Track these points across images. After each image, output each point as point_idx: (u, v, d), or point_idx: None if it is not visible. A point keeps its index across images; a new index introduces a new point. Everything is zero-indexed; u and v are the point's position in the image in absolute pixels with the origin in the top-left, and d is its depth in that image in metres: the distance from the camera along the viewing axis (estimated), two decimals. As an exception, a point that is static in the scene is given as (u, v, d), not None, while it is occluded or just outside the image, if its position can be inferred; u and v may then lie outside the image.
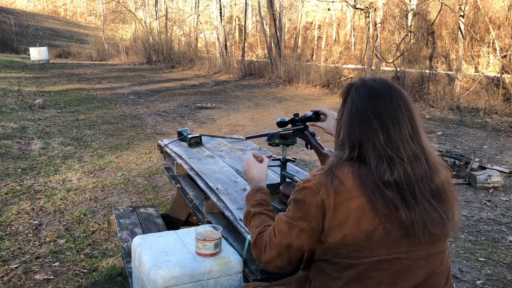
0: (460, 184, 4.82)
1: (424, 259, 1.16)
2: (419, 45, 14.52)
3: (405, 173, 1.12)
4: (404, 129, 1.16)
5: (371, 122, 1.16)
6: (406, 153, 1.14)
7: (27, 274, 2.78)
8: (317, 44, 23.18)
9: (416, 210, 1.11)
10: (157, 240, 1.78)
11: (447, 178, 1.19)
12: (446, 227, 1.17)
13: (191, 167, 2.42)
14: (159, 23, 26.56)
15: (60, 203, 4.04)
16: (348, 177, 1.14)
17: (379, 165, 1.13)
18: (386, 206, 1.11)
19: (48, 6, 56.79)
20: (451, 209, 1.18)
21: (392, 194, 1.11)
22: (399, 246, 1.13)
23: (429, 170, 1.15)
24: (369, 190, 1.12)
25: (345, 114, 1.22)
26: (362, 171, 1.14)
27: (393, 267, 1.13)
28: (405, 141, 1.15)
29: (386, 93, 1.19)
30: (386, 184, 1.12)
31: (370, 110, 1.17)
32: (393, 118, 1.16)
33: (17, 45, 32.06)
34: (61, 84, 14.28)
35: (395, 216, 1.11)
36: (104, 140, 6.56)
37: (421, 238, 1.13)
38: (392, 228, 1.12)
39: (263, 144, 4.95)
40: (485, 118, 8.88)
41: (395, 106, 1.17)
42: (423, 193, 1.13)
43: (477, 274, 2.97)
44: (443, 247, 1.20)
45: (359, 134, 1.18)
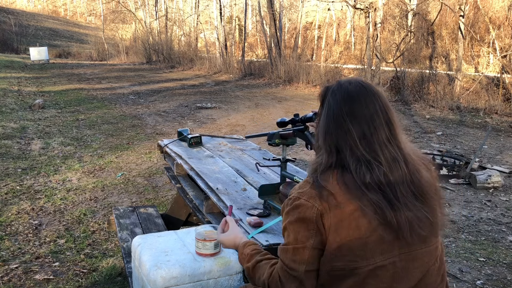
0: (460, 184, 4.82)
1: (418, 260, 1.15)
2: (419, 45, 14.52)
3: (385, 176, 1.11)
4: (380, 132, 1.15)
5: (347, 126, 1.15)
6: (384, 156, 1.13)
7: (27, 274, 2.78)
8: (317, 44, 23.17)
9: (401, 211, 1.10)
10: (157, 240, 1.78)
11: (428, 178, 1.18)
12: (433, 226, 1.16)
13: (191, 167, 2.42)
14: (159, 23, 26.55)
15: (60, 203, 4.04)
16: (334, 186, 1.12)
17: (358, 169, 1.12)
18: (374, 210, 1.10)
19: (48, 6, 56.78)
20: (435, 208, 1.17)
21: (377, 197, 1.10)
22: (392, 249, 1.12)
23: (408, 173, 1.14)
24: (356, 196, 1.10)
25: (322, 118, 1.21)
26: (346, 177, 1.13)
27: (389, 271, 1.12)
28: (382, 144, 1.14)
29: (362, 96, 1.17)
30: (368, 186, 1.10)
31: (346, 114, 1.16)
32: (369, 121, 1.15)
33: (17, 45, 32.05)
34: (61, 84, 14.28)
35: (383, 220, 1.10)
36: (104, 140, 6.56)
37: (409, 239, 1.12)
38: (383, 233, 1.10)
39: (263, 144, 4.96)
40: (485, 118, 8.88)
41: (371, 109, 1.16)
42: (405, 195, 1.12)
43: (477, 274, 2.97)
44: (435, 244, 1.19)
45: (336, 138, 1.16)
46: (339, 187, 1.12)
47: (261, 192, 1.98)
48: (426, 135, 7.33)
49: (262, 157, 2.72)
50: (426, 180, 1.17)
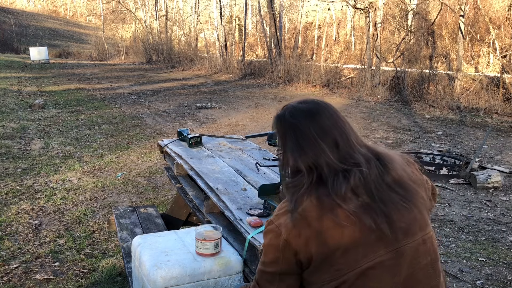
0: (460, 184, 4.82)
1: (406, 255, 1.15)
2: (419, 45, 14.52)
3: (361, 178, 1.13)
4: (350, 136, 1.19)
5: (318, 142, 1.17)
6: (359, 157, 1.16)
7: (27, 274, 2.78)
8: (317, 44, 23.17)
9: (378, 210, 1.12)
10: (157, 240, 1.78)
11: (403, 166, 1.20)
12: (415, 217, 1.17)
13: (191, 167, 2.42)
14: (159, 23, 26.55)
15: (60, 203, 4.04)
16: (308, 205, 1.13)
17: (335, 182, 1.13)
18: (348, 219, 1.11)
19: (48, 6, 56.77)
20: (416, 196, 1.18)
21: (352, 206, 1.11)
22: (377, 250, 1.12)
23: (381, 166, 1.16)
24: (329, 210, 1.11)
25: (289, 143, 1.21)
26: (321, 192, 1.14)
27: (378, 271, 1.13)
28: (355, 147, 1.18)
29: (319, 108, 1.22)
30: (343, 198, 1.11)
31: (314, 130, 1.18)
32: (338, 129, 1.19)
33: (17, 45, 32.05)
34: (61, 84, 14.28)
35: (361, 224, 1.11)
36: (104, 140, 6.56)
37: (391, 235, 1.13)
38: (363, 236, 1.11)
39: (263, 144, 4.97)
40: (485, 118, 8.88)
41: (334, 118, 1.20)
42: (380, 191, 1.14)
43: (477, 274, 2.97)
44: (423, 238, 1.19)
45: (312, 156, 1.17)
46: (314, 204, 1.13)
47: (261, 192, 1.98)
48: (426, 135, 7.33)
49: (262, 157, 2.72)
50: (401, 169, 1.19)
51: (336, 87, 12.93)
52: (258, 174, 2.35)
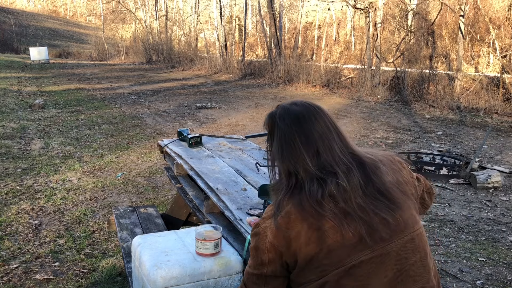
0: (460, 184, 4.82)
1: (393, 252, 1.15)
2: (419, 45, 14.53)
3: (339, 187, 1.14)
4: (333, 145, 1.19)
5: (299, 148, 1.18)
6: (340, 168, 1.16)
7: (27, 274, 2.78)
8: (317, 44, 23.17)
9: (357, 219, 1.13)
10: (157, 240, 1.78)
11: (390, 175, 1.20)
12: (401, 217, 1.17)
13: (191, 167, 2.42)
14: (159, 23, 26.55)
15: (60, 203, 4.04)
16: (290, 209, 1.15)
17: (311, 187, 1.15)
18: (330, 224, 1.12)
19: (48, 6, 56.77)
20: (402, 203, 1.18)
21: (330, 211, 1.13)
22: (362, 249, 1.13)
23: (364, 176, 1.17)
24: (308, 213, 1.13)
25: (275, 145, 1.24)
26: (301, 197, 1.15)
27: (363, 269, 1.13)
28: (336, 157, 1.18)
29: (310, 114, 1.21)
30: (321, 203, 1.13)
31: (297, 135, 1.19)
32: (322, 136, 1.19)
33: (17, 45, 32.06)
34: (61, 84, 14.28)
35: (342, 228, 1.12)
36: (104, 140, 6.56)
37: (375, 238, 1.13)
38: (345, 239, 1.12)
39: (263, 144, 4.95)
40: (485, 118, 8.88)
41: (321, 124, 1.20)
42: (361, 199, 1.14)
43: (477, 274, 2.97)
44: (412, 234, 1.18)
45: (292, 161, 1.19)
46: (295, 209, 1.14)
47: (261, 192, 1.98)
48: (426, 135, 7.33)
49: (262, 157, 2.72)
50: (388, 178, 1.19)
51: (336, 87, 12.93)
52: (258, 174, 2.35)
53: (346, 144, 1.22)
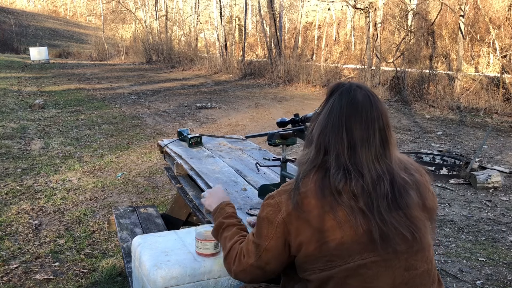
0: (460, 184, 4.82)
1: (403, 260, 1.15)
2: (419, 45, 14.52)
3: (363, 190, 1.12)
4: (371, 149, 1.16)
5: (341, 133, 1.16)
6: (370, 172, 1.14)
7: (27, 274, 2.78)
8: (317, 44, 23.17)
9: (372, 221, 1.11)
10: (157, 240, 1.78)
11: (416, 197, 1.17)
12: (414, 235, 1.15)
13: (191, 167, 2.42)
14: (159, 23, 26.55)
15: (60, 203, 4.04)
16: (310, 190, 1.14)
17: (335, 175, 1.13)
18: (344, 215, 1.12)
19: (48, 6, 56.77)
20: (420, 228, 1.17)
21: (347, 203, 1.12)
22: (373, 249, 1.12)
23: (391, 191, 1.14)
24: (326, 201, 1.12)
25: (323, 115, 1.22)
26: (324, 181, 1.14)
27: (371, 270, 1.13)
28: (370, 162, 1.15)
29: (365, 108, 1.17)
30: (339, 193, 1.12)
31: (344, 121, 1.17)
32: (363, 136, 1.16)
33: (17, 45, 32.05)
34: (61, 84, 14.28)
35: (355, 223, 1.12)
36: (104, 140, 6.56)
37: (381, 250, 1.12)
38: (357, 235, 1.12)
39: (263, 144, 4.95)
40: (485, 118, 8.88)
41: (369, 124, 1.17)
42: (382, 209, 1.12)
43: (477, 274, 2.97)
44: (422, 246, 1.18)
45: (328, 139, 1.17)
46: (315, 190, 1.14)
47: (261, 192, 1.98)
48: (426, 135, 7.33)
49: (262, 157, 2.72)
50: (413, 199, 1.17)
51: (336, 87, 12.90)
52: (258, 174, 2.35)
53: (387, 154, 1.18)
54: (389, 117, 1.23)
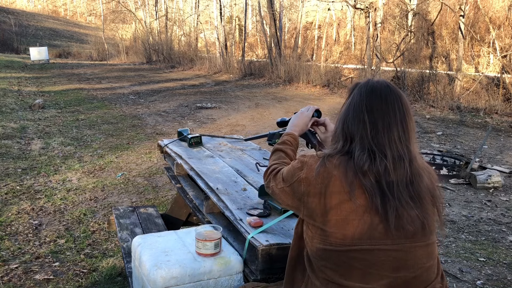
0: (460, 184, 4.82)
1: (411, 252, 1.19)
2: (419, 45, 14.52)
3: (386, 170, 1.17)
4: (393, 130, 1.21)
5: (363, 116, 1.23)
6: (392, 152, 1.19)
7: (27, 274, 2.78)
8: (317, 44, 23.16)
9: (392, 204, 1.16)
10: (157, 240, 1.78)
11: (428, 185, 1.23)
12: (424, 228, 1.20)
13: (191, 167, 2.42)
14: (159, 23, 26.54)
15: (60, 203, 4.04)
16: (334, 168, 1.21)
17: (360, 156, 1.19)
18: (363, 197, 1.17)
19: (48, 6, 56.75)
20: (430, 214, 1.22)
21: (370, 184, 1.17)
22: (383, 237, 1.16)
23: (410, 174, 1.19)
24: (350, 181, 1.18)
25: (344, 108, 1.30)
26: (348, 163, 1.20)
27: (378, 258, 1.17)
28: (392, 142, 1.20)
29: (384, 93, 1.25)
30: (364, 173, 1.17)
31: (365, 105, 1.24)
32: (384, 117, 1.22)
33: (17, 45, 32.04)
34: (61, 84, 14.28)
35: (373, 207, 1.16)
36: (104, 140, 6.56)
37: (395, 232, 1.16)
38: (372, 219, 1.16)
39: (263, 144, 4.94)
40: (485, 118, 8.88)
41: (389, 107, 1.23)
42: (401, 192, 1.17)
43: (477, 274, 2.97)
44: (429, 242, 1.22)
45: (351, 127, 1.24)
46: (338, 170, 1.20)
47: (261, 192, 1.98)
48: (426, 135, 7.33)
49: (262, 157, 2.72)
50: (426, 186, 1.22)
51: (336, 87, 12.92)
52: (258, 174, 2.35)
53: (408, 138, 1.23)
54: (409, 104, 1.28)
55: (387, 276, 1.17)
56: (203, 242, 1.64)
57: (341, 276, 1.19)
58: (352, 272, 1.18)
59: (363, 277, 1.18)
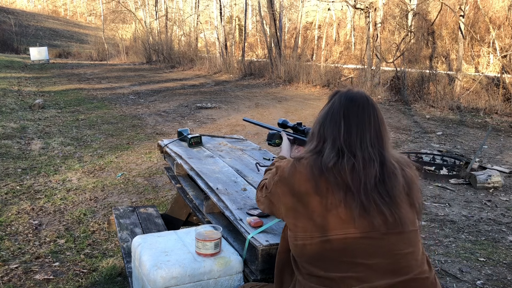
0: (460, 184, 4.82)
1: (381, 239, 1.23)
2: (419, 45, 14.53)
3: (353, 168, 1.25)
4: (366, 135, 1.29)
5: (339, 121, 1.32)
6: (362, 153, 1.27)
7: (27, 274, 2.78)
8: (317, 44, 23.16)
9: (356, 197, 1.23)
10: (157, 240, 1.78)
11: (403, 184, 1.28)
12: (395, 218, 1.25)
13: (191, 167, 2.42)
14: (159, 23, 26.55)
15: (60, 203, 4.04)
16: (302, 167, 1.30)
17: (328, 154, 1.28)
18: (329, 192, 1.24)
19: (48, 6, 56.76)
20: (402, 209, 1.27)
21: (334, 179, 1.24)
22: (350, 227, 1.22)
23: (381, 174, 1.26)
24: (315, 177, 1.26)
25: (322, 112, 1.38)
26: (316, 161, 1.29)
27: (348, 245, 1.22)
28: (364, 145, 1.28)
29: (361, 102, 1.34)
30: (329, 169, 1.25)
31: (343, 112, 1.32)
32: (359, 123, 1.30)
33: (17, 45, 32.05)
34: (61, 84, 14.28)
35: (338, 201, 1.23)
36: (104, 140, 6.56)
37: (364, 222, 1.22)
38: (338, 212, 1.23)
39: (263, 144, 4.95)
40: (485, 118, 8.88)
41: (365, 116, 1.32)
42: (369, 189, 1.24)
43: (477, 274, 2.97)
44: (402, 230, 1.26)
45: (327, 130, 1.33)
46: (306, 168, 1.29)
47: (261, 192, 1.98)
48: (426, 135, 7.33)
49: (262, 157, 2.72)
50: (400, 185, 1.28)
51: (336, 87, 12.91)
52: (258, 174, 2.35)
53: (381, 143, 1.31)
54: (384, 117, 1.37)
55: (361, 264, 1.22)
56: (203, 242, 1.64)
57: (319, 268, 1.25)
58: (327, 262, 1.24)
59: (338, 266, 1.23)
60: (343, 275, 1.22)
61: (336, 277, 1.22)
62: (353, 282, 1.21)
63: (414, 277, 1.24)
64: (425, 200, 4.34)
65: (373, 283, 1.21)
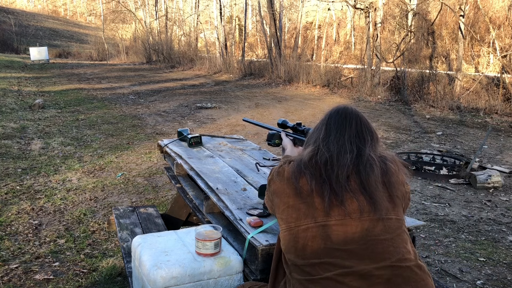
0: (460, 184, 4.82)
1: (355, 226, 1.28)
2: (419, 45, 14.52)
3: (326, 161, 1.34)
4: (345, 134, 1.39)
5: (321, 128, 1.45)
6: (338, 148, 1.37)
7: (27, 274, 2.78)
8: (317, 44, 23.15)
9: (327, 186, 1.31)
10: (157, 240, 1.78)
11: (380, 176, 1.34)
12: (370, 205, 1.30)
13: (191, 167, 2.42)
14: (159, 23, 26.54)
15: (60, 203, 4.04)
16: (287, 165, 1.41)
17: (307, 152, 1.39)
18: (305, 184, 1.33)
19: (48, 6, 56.76)
20: (377, 198, 1.31)
21: (309, 172, 1.34)
22: (324, 215, 1.29)
23: (355, 164, 1.34)
24: (295, 173, 1.36)
25: (319, 123, 1.50)
26: (297, 160, 1.40)
27: (323, 232, 1.28)
28: (340, 141, 1.38)
29: (344, 112, 1.45)
30: (305, 164, 1.36)
31: (326, 121, 1.45)
32: (338, 127, 1.41)
33: (17, 45, 32.05)
34: (61, 84, 14.28)
35: (313, 191, 1.31)
36: (104, 140, 6.56)
37: (337, 209, 1.29)
38: (314, 201, 1.31)
39: (263, 144, 4.95)
40: (485, 118, 8.88)
41: (346, 121, 1.42)
42: (342, 178, 1.31)
43: (477, 274, 2.97)
44: (379, 217, 1.30)
45: (312, 136, 1.46)
46: (289, 166, 1.40)
47: (261, 192, 1.98)
48: (426, 135, 7.33)
49: (262, 157, 2.72)
50: (376, 176, 1.33)
51: (336, 87, 12.93)
52: (258, 174, 2.35)
53: (360, 140, 1.39)
54: (373, 127, 1.46)
55: (337, 249, 1.26)
56: (203, 242, 1.64)
57: (299, 256, 1.30)
58: (306, 250, 1.29)
59: (317, 253, 1.28)
60: (321, 261, 1.27)
61: (315, 263, 1.28)
62: (330, 267, 1.26)
63: (392, 264, 1.26)
64: (425, 200, 4.34)
65: (350, 269, 1.25)
